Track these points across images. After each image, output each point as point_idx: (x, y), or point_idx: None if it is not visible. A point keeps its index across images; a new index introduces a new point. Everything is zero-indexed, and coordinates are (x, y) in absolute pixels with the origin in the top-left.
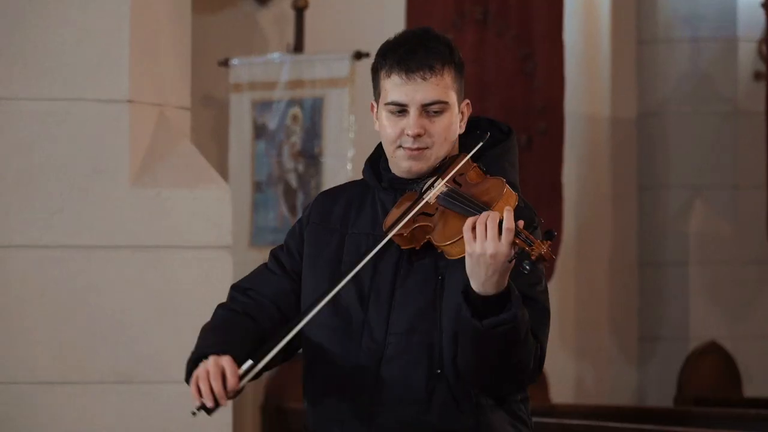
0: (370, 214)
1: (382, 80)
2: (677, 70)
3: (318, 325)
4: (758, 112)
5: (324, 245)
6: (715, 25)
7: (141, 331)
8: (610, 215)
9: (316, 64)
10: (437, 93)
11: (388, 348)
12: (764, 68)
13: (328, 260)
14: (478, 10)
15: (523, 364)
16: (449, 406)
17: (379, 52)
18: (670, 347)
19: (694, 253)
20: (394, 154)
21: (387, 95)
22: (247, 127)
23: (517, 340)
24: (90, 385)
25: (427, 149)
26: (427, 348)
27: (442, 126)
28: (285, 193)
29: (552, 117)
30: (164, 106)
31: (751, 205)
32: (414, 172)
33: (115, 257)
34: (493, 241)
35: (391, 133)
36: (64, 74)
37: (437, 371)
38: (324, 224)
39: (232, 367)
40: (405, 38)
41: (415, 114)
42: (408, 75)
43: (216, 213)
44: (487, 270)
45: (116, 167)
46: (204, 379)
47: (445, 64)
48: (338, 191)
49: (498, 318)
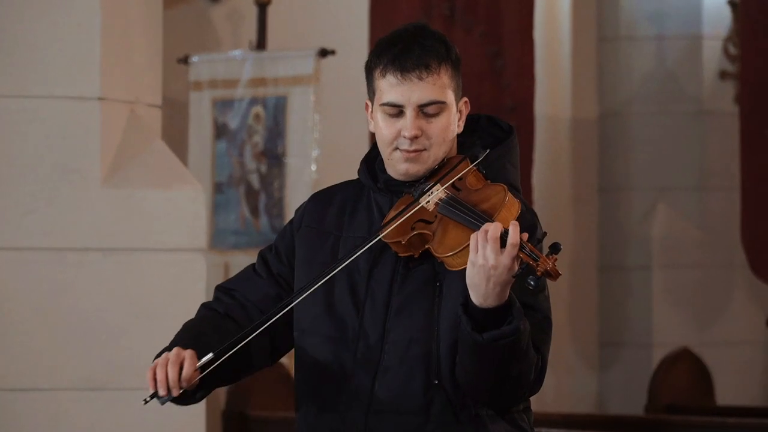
0: (365, 216)
1: (377, 80)
2: (640, 68)
3: (311, 332)
4: (724, 112)
5: (318, 249)
6: (679, 22)
7: (114, 336)
8: (571, 218)
9: (280, 62)
10: (434, 93)
11: (384, 357)
12: (730, 67)
13: (322, 263)
14: (445, 5)
15: (524, 376)
16: (448, 417)
17: (373, 51)
18: (633, 354)
19: (657, 257)
20: (391, 155)
21: (382, 96)
22: (208, 126)
23: (518, 353)
24: (61, 391)
25: (424, 151)
26: (425, 358)
27: (440, 127)
28: (247, 194)
29: (522, 116)
30: (135, 104)
31: (716, 207)
32: (411, 174)
33: (87, 260)
34: (495, 252)
35: (387, 135)
36: (35, 71)
37: (435, 381)
38: (318, 227)
39: (191, 359)
40: (400, 36)
41: (412, 115)
42: (403, 75)
43: (190, 214)
44: (488, 282)
45: (87, 167)
46: (161, 366)
47: (441, 63)
48: (331, 193)
49: (499, 331)
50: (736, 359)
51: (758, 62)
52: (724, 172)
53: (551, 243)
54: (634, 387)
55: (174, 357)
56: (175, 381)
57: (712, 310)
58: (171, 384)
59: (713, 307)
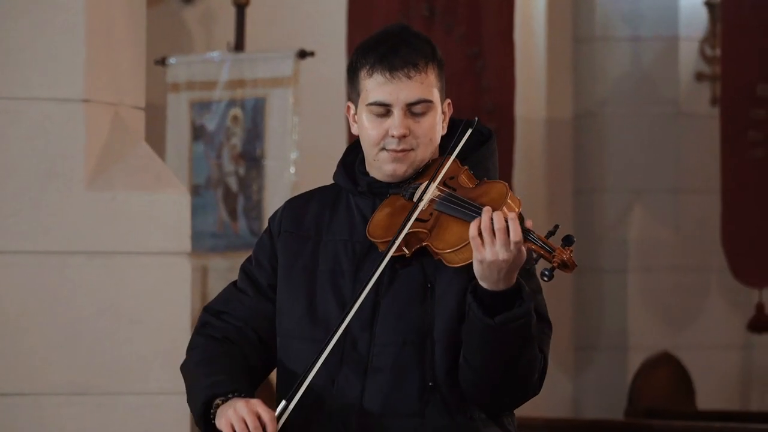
0: (345, 220)
1: (363, 80)
2: (616, 69)
3: (294, 336)
4: (700, 114)
5: (298, 254)
6: (655, 23)
7: (98, 340)
8: (545, 220)
9: (258, 63)
10: (422, 91)
11: (373, 359)
12: (706, 68)
13: (303, 269)
14: (424, 6)
15: (530, 369)
16: (444, 420)
17: (358, 51)
18: (608, 358)
19: (633, 260)
20: (377, 156)
21: (369, 95)
22: (185, 128)
23: (528, 339)
24: (45, 396)
25: (411, 151)
26: (419, 360)
27: (427, 127)
28: (225, 196)
29: (502, 118)
30: (119, 106)
31: (693, 209)
32: (398, 175)
33: (70, 263)
34: (504, 245)
35: (374, 135)
36: (18, 73)
37: (430, 384)
38: (297, 232)
39: (269, 413)
40: (385, 36)
41: (400, 114)
42: (392, 73)
43: (175, 218)
44: (499, 273)
45: (71, 169)
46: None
47: (428, 62)
48: (307, 198)
49: (511, 313)
50: (713, 363)
51: (739, 63)
52: (700, 174)
53: (564, 235)
54: (609, 391)
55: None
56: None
57: (688, 313)
58: None
59: (689, 310)
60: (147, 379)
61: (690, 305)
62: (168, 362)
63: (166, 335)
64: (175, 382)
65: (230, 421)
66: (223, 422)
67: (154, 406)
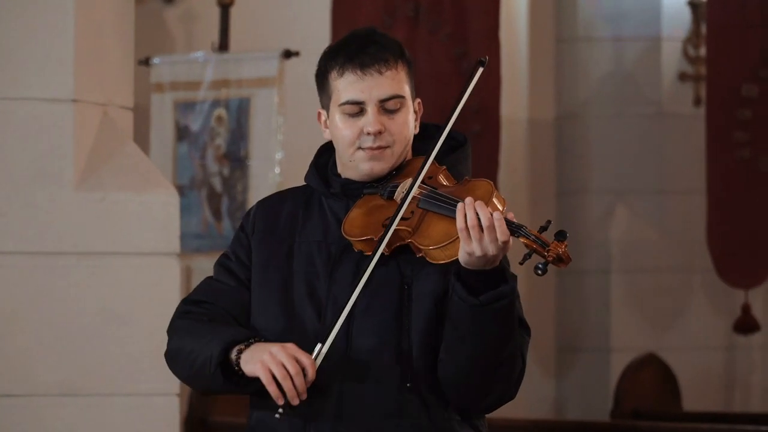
0: (319, 221)
1: (334, 81)
2: (599, 70)
3: (270, 336)
4: (683, 114)
5: (272, 255)
6: (638, 23)
7: (88, 341)
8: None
9: (243, 63)
10: (394, 87)
11: (351, 360)
12: (690, 69)
13: (278, 270)
14: (409, 6)
15: (512, 363)
16: (423, 420)
17: (324, 56)
18: (591, 359)
19: (616, 261)
20: (353, 156)
21: (341, 95)
22: (169, 128)
23: (512, 322)
24: (34, 397)
25: (387, 148)
26: (396, 361)
27: (402, 122)
28: (209, 197)
29: (487, 119)
30: (108, 106)
31: (676, 210)
32: (376, 173)
33: (60, 264)
34: (493, 243)
35: (349, 135)
36: (7, 73)
37: (408, 384)
38: (270, 233)
39: (307, 357)
40: (352, 38)
41: (374, 111)
42: (363, 70)
43: (164, 218)
44: (487, 262)
45: (61, 170)
46: (285, 377)
47: (398, 59)
48: (279, 199)
49: (497, 291)
50: (696, 364)
51: (725, 63)
52: (683, 174)
53: (556, 231)
54: (592, 393)
55: (290, 361)
56: (304, 388)
57: (672, 314)
58: (300, 392)
59: (672, 311)
60: (137, 380)
61: (673, 307)
62: (158, 363)
63: (156, 336)
64: (166, 382)
65: (268, 366)
66: (258, 367)
67: (144, 407)
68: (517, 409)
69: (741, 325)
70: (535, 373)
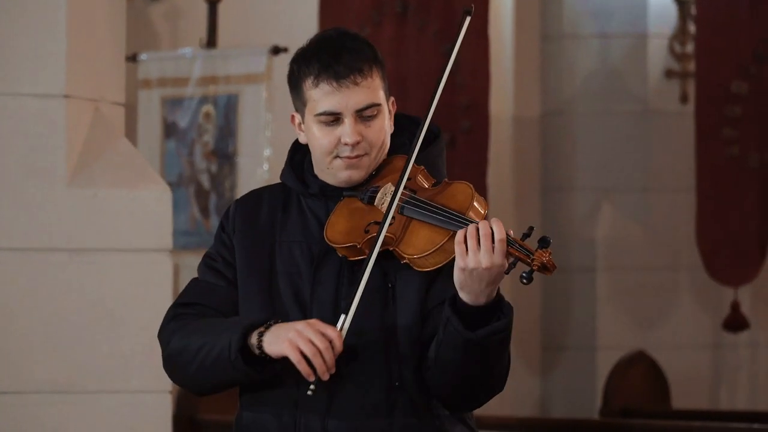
0: (298, 221)
1: (308, 90)
2: (584, 67)
3: None
4: (670, 111)
5: (255, 255)
6: (624, 20)
7: (80, 338)
8: (513, 218)
9: (231, 60)
10: (369, 96)
11: (339, 363)
12: (676, 66)
13: (260, 269)
14: (398, 3)
15: (502, 374)
16: (411, 419)
17: (297, 61)
18: (576, 357)
19: (601, 259)
20: (331, 165)
21: (317, 106)
22: (157, 125)
23: (505, 350)
24: (25, 395)
25: (365, 156)
26: (383, 361)
27: (378, 129)
28: (197, 194)
29: (476, 115)
30: (99, 102)
31: (662, 208)
32: (354, 181)
33: (52, 260)
34: (487, 253)
35: (326, 144)
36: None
37: (396, 383)
38: (251, 232)
39: (334, 330)
40: (323, 43)
41: (351, 121)
42: (339, 82)
43: (156, 214)
44: (480, 283)
45: (52, 166)
46: (316, 354)
47: (372, 65)
48: (256, 197)
49: (492, 327)
50: (681, 362)
51: (713, 60)
52: (670, 172)
53: (539, 237)
54: (577, 391)
55: (318, 337)
56: (333, 362)
57: (658, 312)
58: (330, 365)
59: (659, 309)
60: (128, 378)
61: (659, 305)
62: (149, 360)
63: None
64: (157, 380)
65: (296, 344)
66: (285, 346)
67: (135, 405)
68: (503, 406)
69: (730, 323)
70: (521, 371)
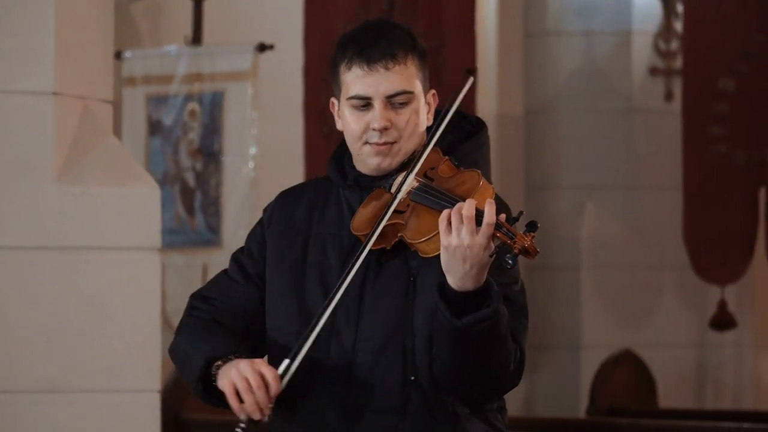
0: (335, 213)
1: (343, 74)
2: (568, 64)
3: (283, 332)
4: (654, 109)
5: (288, 248)
6: (608, 17)
7: (69, 336)
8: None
9: (216, 57)
10: (401, 83)
11: (358, 355)
12: (660, 63)
13: (293, 262)
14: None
15: (504, 366)
16: (424, 414)
17: (337, 46)
18: (561, 356)
19: (586, 257)
20: (361, 150)
21: (349, 89)
22: (141, 122)
23: (498, 339)
24: (14, 394)
25: (395, 143)
26: (401, 354)
27: (409, 118)
28: (182, 192)
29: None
30: (88, 99)
31: (647, 206)
32: (383, 168)
33: (40, 258)
34: (470, 232)
35: (356, 129)
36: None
37: (411, 378)
38: (287, 226)
39: (272, 372)
40: (364, 29)
41: (380, 106)
42: (370, 66)
43: (145, 212)
44: (464, 263)
45: (41, 164)
46: (247, 390)
47: (408, 53)
48: (300, 191)
49: (478, 314)
50: (667, 361)
51: (700, 57)
52: (654, 170)
53: (528, 221)
54: (562, 390)
55: (254, 376)
56: (265, 402)
57: (643, 311)
58: (263, 406)
59: (643, 308)
60: (118, 376)
61: (645, 303)
62: (139, 358)
63: (137, 331)
64: (147, 379)
65: (233, 381)
66: (225, 382)
67: (125, 403)
68: None
69: (717, 322)
70: None
